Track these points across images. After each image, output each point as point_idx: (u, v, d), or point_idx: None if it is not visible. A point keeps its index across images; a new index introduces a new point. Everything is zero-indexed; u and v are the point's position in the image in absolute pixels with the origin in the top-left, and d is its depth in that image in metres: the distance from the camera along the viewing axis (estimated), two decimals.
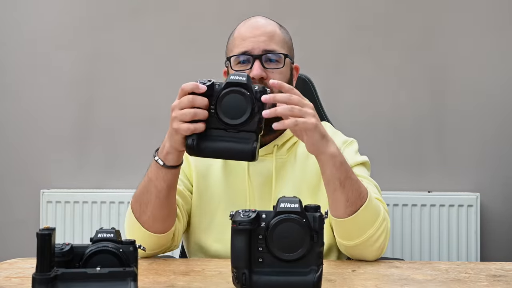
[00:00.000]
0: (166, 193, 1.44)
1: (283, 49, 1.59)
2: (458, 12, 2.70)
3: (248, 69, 1.55)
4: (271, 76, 1.54)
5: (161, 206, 1.46)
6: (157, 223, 1.48)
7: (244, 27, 1.61)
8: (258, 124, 1.29)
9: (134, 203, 1.50)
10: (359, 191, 1.40)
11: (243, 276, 1.11)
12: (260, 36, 1.57)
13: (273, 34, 1.59)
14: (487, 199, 2.68)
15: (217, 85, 1.31)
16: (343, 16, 2.74)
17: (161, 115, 2.77)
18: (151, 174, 1.45)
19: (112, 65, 2.81)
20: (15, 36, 2.84)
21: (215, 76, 2.79)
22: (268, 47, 1.57)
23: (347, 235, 1.44)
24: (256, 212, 1.12)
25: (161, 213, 1.47)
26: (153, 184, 1.44)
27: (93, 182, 2.81)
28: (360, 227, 1.42)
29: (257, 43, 1.56)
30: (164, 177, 1.42)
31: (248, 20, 1.64)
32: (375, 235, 1.43)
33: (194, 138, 1.30)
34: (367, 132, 2.64)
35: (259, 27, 1.59)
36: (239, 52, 1.57)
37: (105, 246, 1.09)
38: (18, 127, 2.85)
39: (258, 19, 1.63)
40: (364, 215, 1.41)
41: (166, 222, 1.50)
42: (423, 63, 2.71)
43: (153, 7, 2.79)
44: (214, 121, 1.30)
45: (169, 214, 1.49)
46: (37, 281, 0.98)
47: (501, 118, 2.69)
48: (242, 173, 1.61)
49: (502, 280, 1.26)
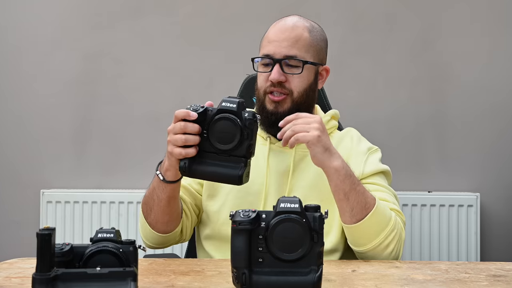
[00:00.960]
0: (166, 202, 1.53)
1: (307, 53, 1.63)
2: (458, 11, 2.70)
3: (269, 71, 1.62)
4: (290, 80, 1.62)
5: (162, 212, 1.55)
6: (160, 225, 1.58)
7: (274, 28, 1.66)
8: (247, 150, 1.36)
9: (143, 204, 1.60)
10: (364, 202, 1.48)
11: (243, 276, 1.11)
12: (284, 40, 1.62)
13: (298, 39, 1.62)
14: (487, 199, 2.68)
15: (210, 110, 1.38)
16: (343, 16, 2.74)
17: (161, 115, 2.78)
18: (154, 184, 1.54)
19: (112, 64, 2.81)
20: (15, 36, 2.84)
21: (215, 74, 2.80)
22: (290, 53, 1.61)
23: (355, 241, 1.53)
24: (256, 212, 1.12)
25: (162, 218, 1.57)
26: (156, 193, 1.53)
27: (93, 182, 2.81)
28: (367, 235, 1.50)
29: (279, 48, 1.61)
30: (164, 190, 1.51)
31: (280, 20, 1.68)
32: (384, 243, 1.50)
33: (186, 161, 1.39)
34: (367, 132, 2.62)
35: (285, 30, 1.63)
36: (262, 55, 1.64)
37: (105, 246, 1.09)
38: (18, 127, 2.84)
39: (289, 20, 1.67)
40: (370, 224, 1.48)
41: (168, 225, 1.59)
42: (424, 63, 2.71)
43: (153, 7, 2.79)
44: (207, 145, 1.37)
45: (170, 219, 1.58)
46: (37, 281, 0.98)
47: (501, 118, 2.69)
48: (263, 158, 1.66)
49: (502, 280, 1.26)
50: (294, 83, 1.62)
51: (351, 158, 1.65)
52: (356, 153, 1.68)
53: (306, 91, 1.64)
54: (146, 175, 2.63)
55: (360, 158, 1.67)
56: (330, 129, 1.73)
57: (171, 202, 1.53)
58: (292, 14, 1.71)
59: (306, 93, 1.64)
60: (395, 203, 1.63)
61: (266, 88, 1.63)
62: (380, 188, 1.63)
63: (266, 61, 1.63)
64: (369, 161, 1.67)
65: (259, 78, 1.67)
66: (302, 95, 1.63)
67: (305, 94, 1.64)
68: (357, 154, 1.68)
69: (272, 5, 2.64)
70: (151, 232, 1.59)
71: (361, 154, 1.68)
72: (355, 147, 1.70)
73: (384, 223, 1.50)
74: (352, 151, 1.68)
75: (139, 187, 2.74)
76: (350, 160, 1.64)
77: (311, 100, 1.68)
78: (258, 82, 1.67)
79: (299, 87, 1.62)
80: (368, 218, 1.47)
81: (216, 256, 1.66)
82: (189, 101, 2.86)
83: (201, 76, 2.78)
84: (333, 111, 1.77)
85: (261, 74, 1.65)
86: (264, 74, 1.63)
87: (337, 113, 1.78)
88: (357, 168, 1.63)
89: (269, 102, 1.63)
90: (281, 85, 1.61)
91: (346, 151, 1.67)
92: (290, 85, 1.62)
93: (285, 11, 1.85)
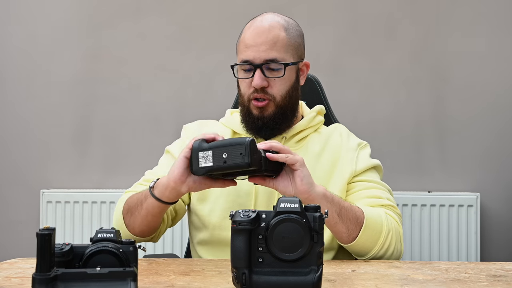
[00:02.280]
0: (152, 217, 1.53)
1: (286, 53, 1.62)
2: (459, 12, 2.70)
3: (250, 77, 1.60)
4: (272, 85, 1.61)
5: (144, 222, 1.54)
6: (138, 230, 1.57)
7: (249, 31, 1.63)
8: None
9: (125, 204, 1.58)
10: (355, 217, 1.49)
11: (243, 276, 1.11)
12: (262, 44, 1.60)
13: (275, 40, 1.60)
14: (487, 199, 2.68)
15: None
16: (342, 16, 2.74)
17: (161, 115, 2.78)
18: (145, 195, 1.51)
19: (112, 64, 2.81)
20: (15, 36, 2.84)
21: (215, 74, 2.80)
22: (269, 56, 1.59)
23: (357, 254, 1.55)
24: (256, 212, 1.12)
25: (148, 227, 1.56)
26: (146, 206, 1.51)
27: (93, 182, 2.81)
28: (365, 247, 1.52)
29: (258, 52, 1.59)
30: (159, 207, 1.50)
31: (254, 21, 1.66)
32: (383, 248, 1.53)
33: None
34: (367, 133, 2.63)
35: (262, 33, 1.61)
36: (241, 61, 1.62)
37: (105, 246, 1.09)
38: (18, 127, 2.84)
39: (264, 19, 1.64)
40: (366, 237, 1.50)
41: (146, 232, 1.58)
42: (423, 63, 2.71)
43: (153, 7, 2.79)
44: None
45: (149, 229, 1.57)
46: (37, 281, 0.98)
47: (502, 118, 2.69)
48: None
49: (502, 280, 1.26)
50: (277, 87, 1.61)
51: (341, 155, 1.67)
52: (346, 150, 1.68)
53: (289, 93, 1.64)
54: None
55: (351, 154, 1.67)
56: (317, 125, 1.73)
57: (157, 217, 1.53)
58: (266, 12, 1.68)
59: (289, 95, 1.64)
60: (389, 198, 1.64)
61: (250, 95, 1.62)
62: (373, 185, 1.65)
63: (246, 67, 1.62)
64: (360, 157, 1.68)
65: (241, 84, 1.65)
66: (285, 98, 1.63)
67: (288, 96, 1.63)
68: (348, 150, 1.68)
69: (272, 5, 2.64)
70: (125, 230, 1.57)
71: (352, 151, 1.68)
72: (345, 143, 1.70)
73: (378, 230, 1.52)
74: (342, 148, 1.69)
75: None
76: (340, 156, 1.66)
77: (295, 100, 1.67)
78: (241, 89, 1.65)
79: (281, 90, 1.62)
80: (363, 232, 1.49)
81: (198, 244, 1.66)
82: (189, 101, 2.88)
83: (201, 76, 2.78)
84: (318, 107, 1.77)
85: (243, 81, 1.63)
86: (246, 80, 1.62)
87: (322, 109, 1.78)
88: (349, 165, 1.65)
89: (254, 108, 1.62)
90: (263, 91, 1.60)
91: (336, 148, 1.68)
92: (272, 90, 1.61)
93: (285, 11, 1.84)
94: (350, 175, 1.64)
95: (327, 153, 1.67)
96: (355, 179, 1.65)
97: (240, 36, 1.66)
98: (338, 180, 1.64)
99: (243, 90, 1.64)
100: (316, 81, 2.00)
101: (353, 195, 1.63)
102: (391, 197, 1.65)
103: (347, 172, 1.64)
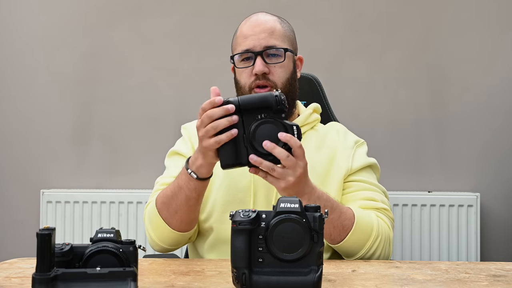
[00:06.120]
0: (196, 201, 1.51)
1: (284, 43, 1.64)
2: (458, 12, 2.70)
3: (251, 65, 1.62)
4: (273, 72, 1.62)
5: (189, 211, 1.53)
6: (185, 225, 1.56)
7: (245, 25, 1.67)
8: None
9: (161, 204, 1.55)
10: (341, 226, 1.50)
11: (243, 276, 1.11)
12: (261, 33, 1.63)
13: (273, 30, 1.64)
14: (487, 199, 2.68)
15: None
16: (342, 16, 2.74)
17: (161, 115, 2.78)
18: (182, 183, 1.49)
19: (112, 65, 2.81)
20: (15, 36, 2.84)
21: (215, 74, 2.80)
22: (269, 43, 1.62)
23: (344, 254, 1.56)
24: (256, 212, 1.12)
25: (189, 217, 1.55)
26: (184, 193, 1.49)
27: (93, 182, 2.81)
28: (351, 250, 1.54)
29: (258, 40, 1.62)
30: (196, 188, 1.48)
31: (249, 18, 1.69)
32: (370, 252, 1.54)
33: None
34: (367, 132, 2.63)
35: (259, 24, 1.64)
36: (241, 51, 1.64)
37: (105, 246, 1.09)
38: (18, 127, 2.85)
39: (259, 15, 1.68)
40: (351, 242, 1.52)
41: (193, 223, 1.58)
42: (424, 63, 2.71)
43: (153, 7, 2.79)
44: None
45: (196, 217, 1.58)
46: (37, 281, 0.98)
47: (501, 118, 2.69)
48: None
49: (502, 280, 1.26)
50: (278, 74, 1.62)
51: (338, 152, 1.67)
52: (343, 147, 1.69)
53: (289, 81, 1.65)
54: (146, 175, 2.64)
55: (348, 152, 1.68)
56: (313, 122, 1.73)
57: (199, 200, 1.52)
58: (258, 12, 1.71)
59: (289, 83, 1.64)
60: (384, 200, 1.64)
61: (251, 83, 1.62)
62: (368, 186, 1.65)
63: (246, 55, 1.63)
64: (356, 155, 1.68)
65: (241, 75, 1.65)
66: (285, 85, 1.63)
67: (288, 83, 1.64)
68: (344, 148, 1.69)
69: (271, 5, 2.64)
70: (171, 233, 1.55)
71: (348, 148, 1.69)
72: (342, 141, 1.70)
73: (366, 235, 1.53)
74: (339, 145, 1.69)
75: (139, 187, 2.74)
76: (337, 154, 1.66)
77: (294, 90, 1.68)
78: (241, 80, 1.64)
79: (282, 77, 1.63)
80: (348, 238, 1.50)
81: (207, 252, 1.65)
82: (189, 101, 2.88)
83: (201, 76, 2.78)
84: (314, 105, 1.78)
85: (243, 71, 1.63)
86: (247, 70, 1.62)
87: (318, 107, 1.79)
88: (345, 163, 1.65)
89: None
90: (265, 77, 1.61)
91: (333, 145, 1.69)
92: (273, 77, 1.62)
93: (285, 11, 1.85)
94: (346, 172, 1.64)
95: (324, 150, 1.68)
96: (351, 178, 1.65)
97: (235, 33, 1.69)
98: (335, 178, 1.64)
99: (243, 81, 1.64)
100: (316, 80, 2.00)
101: (349, 195, 1.64)
102: (385, 200, 1.65)
103: (343, 169, 1.65)
